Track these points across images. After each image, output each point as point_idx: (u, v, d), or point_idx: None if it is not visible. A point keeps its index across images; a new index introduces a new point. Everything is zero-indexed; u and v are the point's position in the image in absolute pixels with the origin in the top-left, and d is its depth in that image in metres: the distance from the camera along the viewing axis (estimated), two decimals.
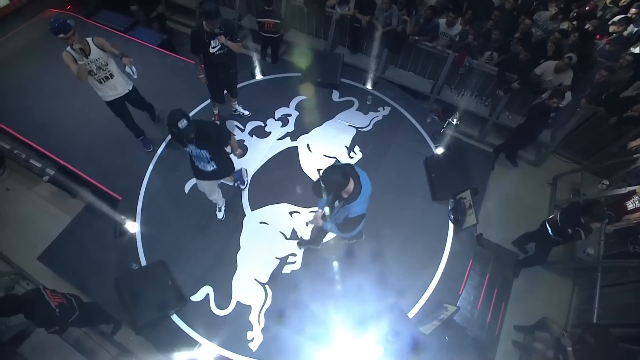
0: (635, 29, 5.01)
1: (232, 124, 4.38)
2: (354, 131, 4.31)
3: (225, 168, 3.20)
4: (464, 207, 3.72)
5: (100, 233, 4.09)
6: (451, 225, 3.80)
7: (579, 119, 4.64)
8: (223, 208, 3.70)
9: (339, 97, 4.63)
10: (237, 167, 3.61)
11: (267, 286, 3.42)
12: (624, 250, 3.83)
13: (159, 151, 4.26)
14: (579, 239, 3.56)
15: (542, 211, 5.00)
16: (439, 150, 4.21)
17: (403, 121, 4.47)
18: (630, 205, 3.80)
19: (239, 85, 4.67)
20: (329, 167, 2.26)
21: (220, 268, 3.50)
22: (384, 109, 4.54)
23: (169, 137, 4.35)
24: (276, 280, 3.46)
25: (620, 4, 5.45)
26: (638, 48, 4.77)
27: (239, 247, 3.60)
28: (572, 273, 4.44)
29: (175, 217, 3.80)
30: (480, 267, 3.80)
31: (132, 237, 3.72)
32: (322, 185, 2.22)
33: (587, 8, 5.15)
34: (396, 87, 5.03)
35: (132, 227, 3.75)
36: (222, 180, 3.52)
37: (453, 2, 5.40)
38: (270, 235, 3.65)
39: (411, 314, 3.34)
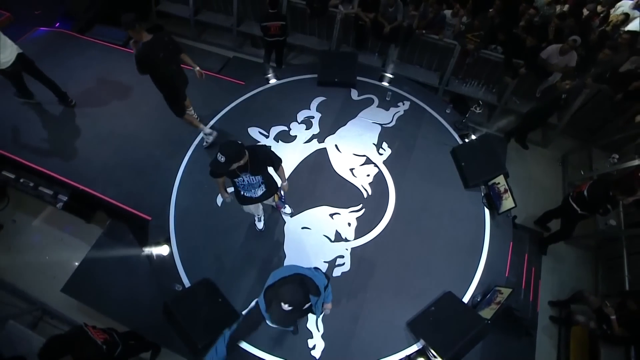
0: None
1: (254, 131, 4.29)
2: (379, 128, 4.32)
3: (273, 186, 3.07)
4: (498, 192, 3.82)
5: (126, 257, 3.89)
6: (487, 211, 3.88)
7: (584, 98, 4.86)
8: (263, 218, 3.61)
9: (358, 96, 4.63)
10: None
11: None
12: None
13: (183, 165, 4.10)
14: (608, 213, 3.73)
15: (556, 189, 5.21)
16: (464, 140, 4.29)
17: (424, 114, 4.53)
18: None
19: (252, 93, 4.64)
20: (290, 289, 2.30)
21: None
22: (403, 104, 4.57)
23: (192, 149, 4.21)
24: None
25: None
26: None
27: (284, 256, 3.52)
28: (594, 245, 4.65)
29: (212, 231, 3.66)
30: (518, 248, 3.91)
31: (170, 257, 3.56)
32: (287, 312, 2.29)
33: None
34: (411, 81, 5.08)
35: (168, 246, 3.59)
36: (267, 202, 3.39)
37: None
38: (314, 239, 3.59)
39: (464, 299, 3.39)
